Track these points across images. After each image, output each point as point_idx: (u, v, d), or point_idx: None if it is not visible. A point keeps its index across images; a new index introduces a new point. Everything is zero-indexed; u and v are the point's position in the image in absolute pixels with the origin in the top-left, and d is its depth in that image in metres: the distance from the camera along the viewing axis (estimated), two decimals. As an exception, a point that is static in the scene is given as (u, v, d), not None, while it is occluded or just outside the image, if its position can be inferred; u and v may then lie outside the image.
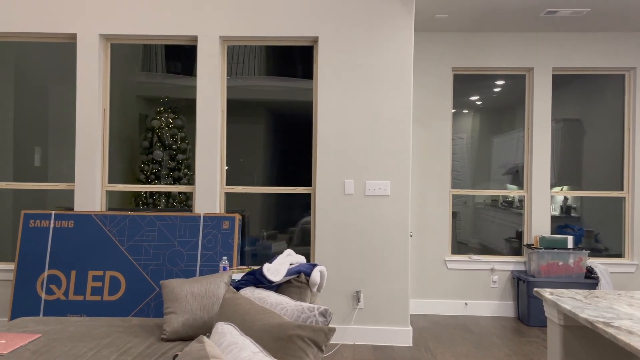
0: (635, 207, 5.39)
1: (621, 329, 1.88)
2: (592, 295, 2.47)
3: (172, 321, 3.03)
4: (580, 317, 2.09)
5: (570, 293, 2.51)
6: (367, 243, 4.42)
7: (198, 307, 3.10)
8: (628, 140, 5.49)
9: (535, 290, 2.56)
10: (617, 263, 5.40)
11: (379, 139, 4.43)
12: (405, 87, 4.42)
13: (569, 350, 2.35)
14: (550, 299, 2.39)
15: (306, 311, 2.24)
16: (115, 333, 3.07)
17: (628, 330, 1.88)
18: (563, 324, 2.35)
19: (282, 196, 4.80)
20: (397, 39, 4.42)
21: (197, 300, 3.12)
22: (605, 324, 1.96)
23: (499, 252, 5.62)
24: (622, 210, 5.52)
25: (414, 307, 5.45)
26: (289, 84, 4.90)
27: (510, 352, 4.24)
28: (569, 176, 5.61)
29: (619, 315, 2.09)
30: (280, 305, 2.31)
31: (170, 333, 3.00)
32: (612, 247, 5.56)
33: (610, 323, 1.97)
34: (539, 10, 4.76)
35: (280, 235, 5.04)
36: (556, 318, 2.38)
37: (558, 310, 2.34)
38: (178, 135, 5.08)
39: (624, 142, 5.51)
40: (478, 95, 5.66)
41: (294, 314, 2.24)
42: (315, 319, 2.21)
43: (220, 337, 1.80)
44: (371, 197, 4.44)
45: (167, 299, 3.15)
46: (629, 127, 5.49)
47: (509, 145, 5.63)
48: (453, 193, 5.59)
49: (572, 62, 5.41)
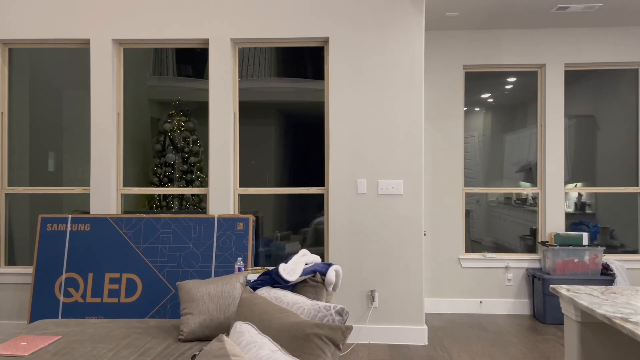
0: (651, 202, 5.34)
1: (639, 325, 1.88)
2: (609, 291, 2.46)
3: (189, 322, 3.06)
4: (598, 313, 2.08)
5: (587, 289, 2.50)
6: (381, 242, 4.43)
7: (214, 307, 3.13)
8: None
9: (551, 286, 2.56)
10: (634, 259, 5.35)
11: (391, 138, 4.44)
12: (417, 86, 4.42)
13: (586, 346, 2.34)
14: (567, 295, 2.39)
15: (322, 310, 2.26)
16: (133, 334, 3.10)
17: (647, 325, 1.87)
18: (580, 321, 2.34)
19: (295, 197, 4.82)
20: (407, 38, 4.42)
21: (213, 301, 3.15)
22: (623, 319, 1.95)
23: (513, 250, 5.59)
24: (637, 206, 5.47)
25: (429, 306, 5.44)
26: (300, 85, 4.92)
27: (526, 350, 4.22)
28: (583, 173, 5.57)
29: (637, 311, 2.08)
30: (297, 305, 2.32)
31: (187, 333, 3.03)
32: (627, 244, 5.51)
33: (628, 318, 1.96)
34: (550, 6, 4.74)
35: (293, 236, 5.06)
36: (573, 315, 2.37)
37: (575, 306, 2.34)
38: (190, 138, 5.12)
39: (638, 137, 5.46)
40: (489, 92, 5.64)
41: (310, 313, 2.26)
42: (332, 317, 2.23)
43: (239, 336, 1.83)
44: (384, 196, 4.45)
45: (183, 300, 3.18)
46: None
47: (521, 143, 5.61)
48: (466, 191, 5.57)
49: (584, 58, 5.37)
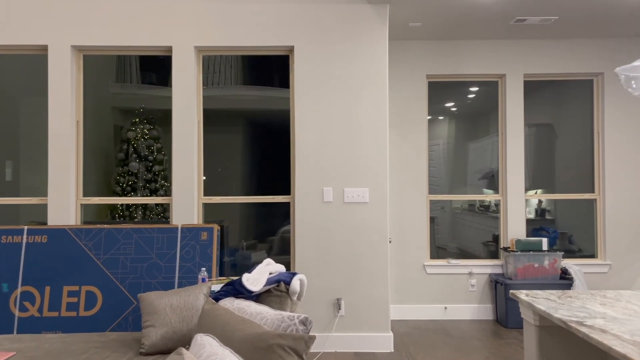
0: (605, 208, 5.53)
1: (594, 328, 1.93)
2: (566, 295, 2.52)
3: (151, 334, 3.00)
4: (554, 317, 2.13)
5: (544, 294, 2.56)
6: (347, 250, 4.44)
7: (177, 319, 3.07)
8: (598, 143, 5.63)
9: (511, 292, 2.61)
10: (591, 263, 5.51)
11: (357, 147, 4.47)
12: (381, 95, 4.47)
13: (544, 349, 2.39)
14: (525, 300, 2.44)
15: (286, 320, 2.24)
16: (92, 349, 3.01)
17: (601, 329, 1.93)
18: (538, 325, 2.39)
19: (262, 205, 4.79)
20: (372, 47, 4.47)
21: (176, 313, 3.09)
22: (578, 323, 2.01)
23: (477, 256, 5.70)
24: (593, 212, 5.65)
25: (395, 312, 5.47)
26: (266, 93, 4.91)
27: (489, 354, 4.29)
28: (542, 180, 5.73)
29: (592, 314, 2.13)
30: (260, 315, 2.30)
31: (149, 347, 2.96)
32: (585, 248, 5.69)
33: (583, 322, 2.02)
34: (508, 19, 4.88)
35: (260, 245, 5.03)
36: (532, 319, 2.42)
37: (533, 311, 2.39)
38: (154, 146, 5.04)
39: (593, 145, 5.66)
40: (453, 102, 5.75)
41: (274, 323, 2.24)
42: (296, 327, 2.21)
43: (200, 348, 1.79)
44: (350, 204, 4.46)
45: (145, 312, 3.11)
46: (598, 130, 5.63)
47: (484, 151, 5.73)
48: (430, 198, 5.65)
49: (542, 69, 5.54)
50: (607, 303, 2.35)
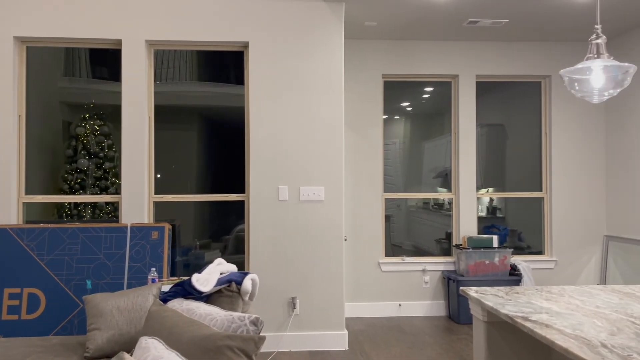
0: (552, 206, 5.72)
1: (538, 323, 1.98)
2: (513, 291, 2.59)
3: (96, 338, 2.89)
4: (501, 313, 2.17)
5: (493, 290, 2.61)
6: (303, 249, 4.42)
7: (124, 321, 2.97)
8: (545, 143, 5.82)
9: (461, 289, 2.65)
10: (538, 260, 5.70)
11: (312, 145, 4.45)
12: (337, 93, 4.47)
13: (492, 345, 2.44)
14: (474, 296, 2.48)
15: (237, 321, 2.20)
16: (34, 354, 2.87)
17: (545, 323, 1.98)
18: (487, 320, 2.44)
19: (217, 204, 4.71)
20: (327, 45, 4.46)
21: (123, 315, 2.99)
22: (523, 318, 2.05)
23: (431, 253, 5.79)
24: (541, 210, 5.84)
25: (350, 310, 5.50)
26: (222, 90, 4.83)
27: (442, 350, 4.36)
28: (493, 178, 5.88)
29: (537, 310, 2.19)
30: (210, 316, 2.25)
31: (94, 350, 2.85)
32: (534, 245, 5.87)
33: (528, 317, 2.06)
34: (461, 20, 4.97)
35: (214, 244, 4.94)
36: (480, 315, 2.46)
37: (482, 307, 2.43)
38: (105, 142, 4.87)
39: (541, 145, 5.85)
40: (409, 101, 5.82)
41: (224, 324, 2.19)
42: (246, 328, 2.17)
43: (144, 352, 1.73)
44: (306, 202, 4.44)
45: (90, 315, 3.00)
46: (545, 131, 5.82)
47: (439, 150, 5.83)
48: (385, 197, 5.70)
49: (493, 70, 5.68)
50: (552, 298, 2.41)
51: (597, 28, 2.29)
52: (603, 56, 2.26)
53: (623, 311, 2.16)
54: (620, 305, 2.27)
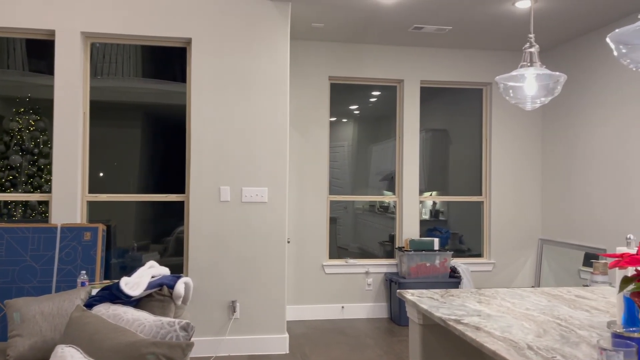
0: (491, 211, 5.89)
1: (469, 326, 2.00)
2: (449, 294, 2.61)
3: (17, 345, 2.70)
4: (435, 316, 2.18)
5: (429, 293, 2.63)
6: (244, 251, 4.34)
7: (49, 327, 2.80)
8: (485, 149, 5.99)
9: (398, 291, 2.66)
10: (477, 262, 5.85)
11: (256, 145, 4.38)
12: (282, 94, 4.42)
13: (428, 347, 2.45)
14: (410, 299, 2.49)
15: (166, 326, 2.10)
16: (-56, 364, 2.66)
17: (475, 326, 2.00)
18: (422, 323, 2.45)
19: (158, 204, 4.55)
20: (273, 44, 4.40)
21: (47, 321, 2.81)
22: (456, 321, 2.07)
23: (376, 255, 5.83)
24: (481, 214, 6.00)
25: (293, 313, 5.45)
26: (166, 87, 4.67)
27: (382, 352, 4.38)
28: (437, 182, 5.99)
29: (469, 313, 2.22)
30: (137, 322, 2.14)
31: (14, 358, 2.67)
32: (474, 248, 6.03)
33: (460, 320, 2.08)
34: (407, 26, 5.03)
35: (153, 246, 4.78)
36: (416, 318, 2.47)
37: (417, 310, 2.44)
38: (40, 138, 4.62)
39: (482, 151, 6.01)
40: (357, 104, 5.85)
41: (152, 330, 2.09)
42: (176, 334, 2.08)
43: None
44: (248, 204, 4.37)
45: (12, 321, 2.81)
46: (486, 137, 5.99)
47: (385, 153, 5.88)
48: (330, 199, 5.69)
49: (437, 76, 5.79)
50: (484, 301, 2.45)
51: (530, 37, 2.36)
52: (536, 64, 2.32)
53: (550, 313, 2.21)
54: (548, 307, 2.33)
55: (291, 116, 5.50)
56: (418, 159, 5.76)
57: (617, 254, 1.69)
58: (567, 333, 1.90)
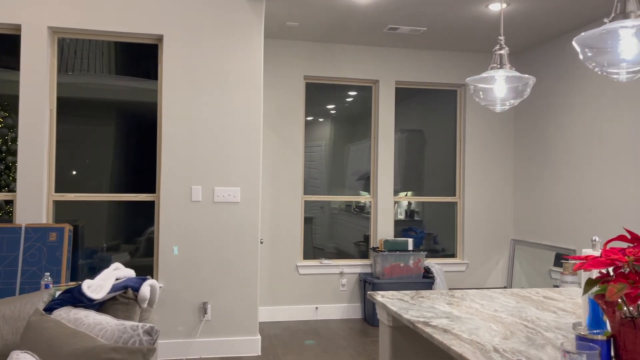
0: (465, 211, 5.94)
1: (437, 328, 1.99)
2: (419, 295, 2.61)
3: (-25, 351, 2.60)
4: (404, 318, 2.17)
5: (399, 295, 2.62)
6: (216, 252, 4.28)
7: (9, 331, 2.70)
8: (459, 150, 6.04)
9: (368, 293, 2.64)
10: (451, 262, 5.89)
11: (229, 145, 4.32)
12: (256, 93, 4.37)
13: (397, 350, 2.44)
14: (380, 301, 2.47)
15: (129, 330, 2.04)
16: None
17: (443, 328, 1.99)
18: (392, 325, 2.43)
19: (129, 204, 4.45)
20: (247, 43, 4.35)
21: (8, 324, 2.72)
22: (424, 323, 2.06)
23: (352, 255, 5.82)
24: (454, 214, 6.04)
25: (266, 314, 5.40)
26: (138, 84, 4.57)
27: (355, 353, 4.37)
28: (412, 183, 6.01)
29: (438, 315, 2.21)
30: (99, 326, 2.08)
31: (-29, 365, 2.57)
32: (448, 248, 6.06)
33: (429, 322, 2.07)
34: (382, 26, 5.03)
35: (124, 246, 4.68)
36: (386, 319, 2.46)
37: (387, 312, 2.43)
38: (9, 135, 4.48)
39: (456, 151, 6.05)
40: (334, 104, 5.83)
41: (114, 334, 2.03)
42: (139, 338, 2.03)
43: (13, 369, 1.55)
44: (220, 204, 4.30)
45: (-31, 325, 2.70)
46: (460, 138, 6.04)
47: (362, 153, 5.88)
48: (305, 199, 5.66)
49: (412, 77, 5.80)
50: (454, 302, 2.45)
51: (500, 39, 2.36)
52: (505, 67, 2.33)
53: (518, 314, 2.22)
54: (516, 308, 2.34)
55: (266, 115, 5.45)
56: (393, 160, 5.77)
57: (582, 256, 1.70)
58: (533, 335, 1.91)
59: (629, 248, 1.62)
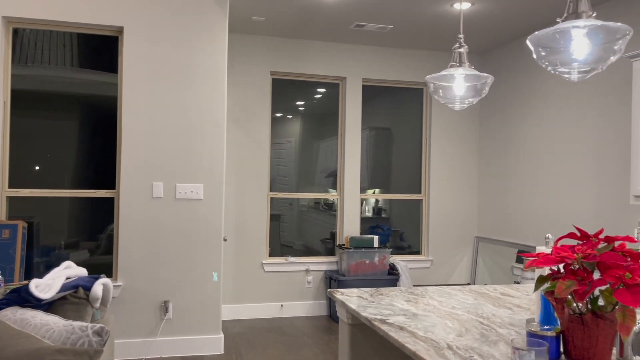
0: (430, 208, 5.99)
1: (394, 326, 1.98)
2: (378, 293, 2.60)
3: None
4: (362, 316, 2.16)
5: (359, 292, 2.61)
6: (178, 250, 4.20)
7: (-46, 333, 2.58)
8: (425, 148, 6.08)
9: (328, 291, 2.62)
10: (416, 259, 5.94)
11: (192, 140, 4.24)
12: (220, 88, 4.30)
13: (356, 348, 2.43)
14: (339, 299, 2.46)
15: (77, 331, 1.97)
16: None
17: (400, 326, 1.98)
18: (351, 323, 2.42)
19: (89, 200, 4.33)
20: (211, 36, 4.27)
21: (-47, 326, 2.60)
22: (381, 321, 2.05)
23: (320, 253, 5.81)
24: (420, 212, 6.09)
25: (230, 312, 5.34)
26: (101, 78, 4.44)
27: (319, 351, 4.36)
28: (380, 180, 6.03)
29: (396, 312, 2.21)
30: (46, 327, 2.00)
31: None
32: (413, 245, 6.11)
33: (385, 320, 2.07)
34: (349, 23, 5.02)
35: (83, 244, 4.55)
36: (345, 317, 2.45)
37: (346, 310, 2.41)
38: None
39: (422, 149, 6.10)
40: (303, 100, 5.79)
41: (61, 335, 1.96)
42: (88, 339, 1.96)
43: (-54, 373, 1.47)
44: (182, 200, 4.23)
45: None
46: (426, 136, 6.08)
47: (332, 150, 5.86)
48: (271, 196, 5.62)
49: (379, 75, 5.82)
50: (412, 300, 2.46)
51: (460, 37, 2.37)
52: (464, 65, 2.34)
53: (474, 311, 2.24)
54: (473, 305, 2.36)
55: (231, 111, 5.37)
56: (359, 157, 5.77)
57: (534, 254, 1.71)
58: (487, 332, 1.92)
59: (578, 245, 1.64)
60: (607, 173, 4.30)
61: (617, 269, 1.51)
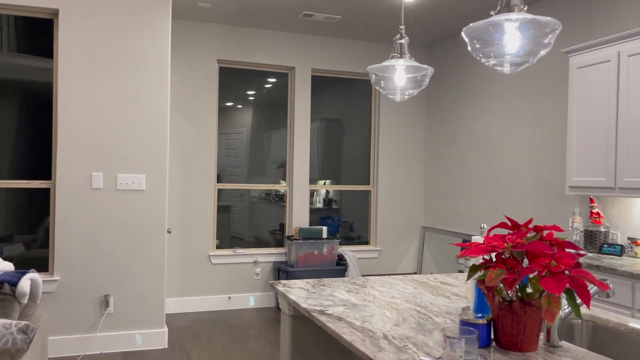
0: (378, 200, 6.05)
1: (332, 316, 1.98)
2: (320, 283, 2.60)
3: None
4: (301, 307, 2.15)
5: (301, 283, 2.60)
6: (119, 242, 4.06)
7: None
8: (373, 139, 6.13)
9: (270, 282, 2.60)
10: (365, 249, 5.99)
11: (133, 129, 4.10)
12: (162, 75, 4.17)
13: (297, 339, 2.42)
14: (280, 290, 2.44)
15: (0, 329, 1.87)
16: None
17: (338, 317, 1.98)
18: (292, 314, 2.41)
19: (25, 191, 4.11)
20: (153, 21, 4.13)
21: None
22: (320, 312, 2.04)
23: (269, 244, 5.76)
24: (368, 202, 6.15)
25: (176, 306, 5.23)
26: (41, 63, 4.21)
27: (266, 342, 4.34)
28: (330, 171, 6.03)
29: (336, 302, 2.20)
30: (-35, 326, 1.88)
31: None
32: (363, 235, 6.16)
33: (324, 311, 2.06)
34: (297, 12, 4.96)
35: (18, 237, 4.33)
36: (286, 309, 2.43)
37: (287, 301, 2.39)
38: None
39: (371, 141, 6.14)
40: (254, 90, 5.70)
41: (-18, 334, 1.85)
42: (13, 337, 1.86)
43: None
44: (124, 191, 4.09)
45: None
46: (374, 128, 6.13)
47: (283, 141, 5.80)
48: (218, 187, 5.52)
49: (328, 65, 5.80)
50: (354, 290, 2.47)
51: (401, 28, 2.38)
52: (405, 56, 2.34)
53: (413, 300, 2.27)
54: (412, 294, 2.39)
55: (177, 100, 5.23)
56: (309, 148, 5.75)
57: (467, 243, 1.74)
58: (424, 320, 1.95)
59: (509, 235, 1.68)
60: (545, 165, 4.46)
61: (543, 258, 1.55)
